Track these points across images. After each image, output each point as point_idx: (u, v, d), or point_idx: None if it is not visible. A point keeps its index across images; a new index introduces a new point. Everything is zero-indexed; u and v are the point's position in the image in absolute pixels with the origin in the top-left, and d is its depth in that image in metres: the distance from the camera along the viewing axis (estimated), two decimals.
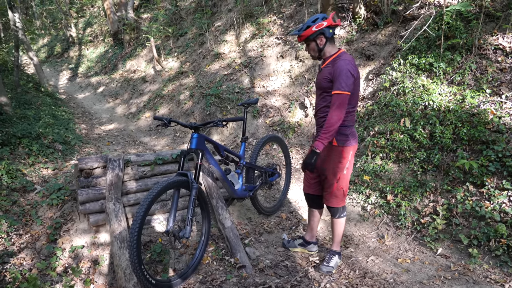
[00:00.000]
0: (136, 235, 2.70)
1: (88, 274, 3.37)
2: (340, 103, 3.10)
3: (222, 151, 3.78)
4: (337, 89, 3.11)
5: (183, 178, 3.13)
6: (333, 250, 3.70)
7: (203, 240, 3.51)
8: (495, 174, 3.98)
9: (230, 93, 7.94)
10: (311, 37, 3.21)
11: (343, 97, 3.10)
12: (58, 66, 18.71)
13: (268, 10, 9.74)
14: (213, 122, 3.38)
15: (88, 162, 3.71)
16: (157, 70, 11.64)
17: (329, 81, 3.23)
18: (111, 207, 3.54)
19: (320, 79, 3.35)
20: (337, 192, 3.48)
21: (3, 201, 4.19)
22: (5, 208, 4.11)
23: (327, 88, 3.27)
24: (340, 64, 3.14)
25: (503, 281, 3.25)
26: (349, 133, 3.34)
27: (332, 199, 3.53)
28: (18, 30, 9.88)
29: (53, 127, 7.23)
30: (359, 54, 6.90)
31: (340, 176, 3.42)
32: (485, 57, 5.02)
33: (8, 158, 5.11)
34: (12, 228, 3.83)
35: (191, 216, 3.09)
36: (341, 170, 3.40)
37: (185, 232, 3.04)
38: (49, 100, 10.44)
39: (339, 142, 3.33)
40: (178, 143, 7.92)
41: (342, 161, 3.37)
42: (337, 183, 3.44)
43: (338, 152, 3.36)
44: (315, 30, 3.17)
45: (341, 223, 3.64)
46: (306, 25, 3.21)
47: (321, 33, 3.20)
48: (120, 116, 10.76)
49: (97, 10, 20.34)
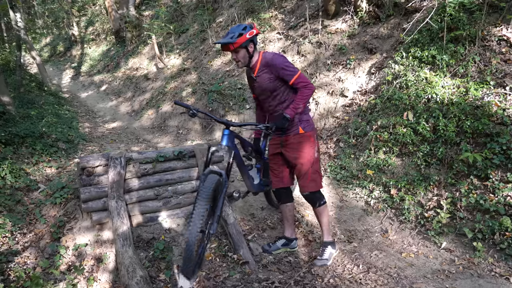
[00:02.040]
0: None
1: (92, 272, 3.37)
2: (305, 82, 3.30)
3: (247, 147, 3.75)
4: (291, 75, 3.29)
5: (220, 179, 3.04)
6: (325, 241, 3.72)
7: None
8: (500, 167, 3.94)
9: (232, 89, 7.92)
10: (244, 44, 3.24)
11: (301, 76, 3.30)
12: (61, 65, 18.74)
13: (269, 5, 9.69)
14: (254, 124, 3.44)
15: (90, 160, 3.71)
16: (159, 68, 11.62)
17: (274, 80, 3.36)
18: (114, 205, 3.54)
19: (262, 84, 3.43)
20: (314, 175, 3.58)
21: (7, 200, 4.20)
22: (9, 208, 4.12)
23: (276, 87, 3.40)
24: (271, 58, 3.34)
25: (507, 274, 3.22)
26: (309, 118, 3.56)
27: (311, 184, 3.59)
28: (20, 30, 9.89)
29: (56, 126, 7.23)
30: (361, 48, 6.85)
31: (314, 159, 3.55)
32: (488, 49, 4.97)
33: (11, 157, 5.11)
34: (16, 227, 3.84)
35: (219, 213, 3.05)
36: (313, 154, 3.54)
37: (212, 228, 3.00)
38: (52, 99, 10.45)
39: (305, 128, 3.49)
40: (181, 140, 7.92)
41: (312, 145, 3.53)
42: (311, 167, 3.55)
43: (307, 137, 3.51)
44: (249, 37, 3.23)
45: (324, 210, 3.70)
46: (238, 33, 3.21)
47: (251, 40, 3.29)
48: (123, 114, 10.77)
49: (99, 9, 20.32)
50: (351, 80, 6.61)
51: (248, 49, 3.31)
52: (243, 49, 3.30)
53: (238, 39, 3.20)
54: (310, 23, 8.01)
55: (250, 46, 3.32)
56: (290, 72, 3.29)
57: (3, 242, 3.66)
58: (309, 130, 3.52)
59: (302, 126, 3.49)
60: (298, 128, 3.49)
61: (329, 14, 7.78)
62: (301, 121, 3.49)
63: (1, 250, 3.54)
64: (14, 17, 9.63)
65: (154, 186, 3.94)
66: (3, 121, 6.23)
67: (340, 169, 5.38)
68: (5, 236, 3.71)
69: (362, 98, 6.16)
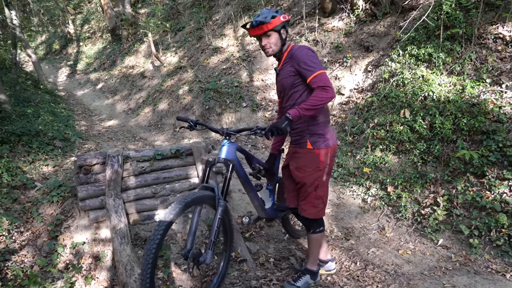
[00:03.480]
0: (152, 259, 2.33)
1: (90, 270, 3.36)
2: (324, 82, 2.68)
3: (254, 163, 3.33)
4: (311, 72, 2.74)
5: (209, 193, 2.73)
6: (307, 268, 3.25)
7: (222, 266, 3.10)
8: (496, 164, 3.96)
9: (228, 87, 7.92)
10: (278, 27, 2.82)
11: (323, 76, 2.71)
12: (56, 63, 18.67)
13: (265, 3, 9.67)
14: (250, 129, 2.91)
15: (87, 158, 3.70)
16: (155, 66, 11.60)
17: (294, 74, 2.87)
18: (111, 203, 3.53)
19: (283, 80, 2.97)
20: (316, 201, 3.02)
21: (4, 199, 4.20)
22: (6, 206, 4.12)
23: (294, 84, 2.90)
24: (298, 51, 2.84)
25: (504, 270, 3.24)
26: (324, 132, 2.94)
27: (310, 210, 3.04)
28: (15, 28, 9.84)
29: (52, 124, 7.22)
30: (358, 46, 6.87)
31: (319, 183, 2.98)
32: (485, 47, 4.99)
33: (8, 156, 5.10)
34: (13, 226, 3.83)
35: (214, 239, 2.64)
36: (319, 177, 2.96)
37: (206, 258, 2.60)
38: (48, 97, 10.43)
39: (314, 144, 2.91)
40: (177, 138, 7.90)
41: (320, 165, 2.93)
42: (315, 192, 2.99)
43: (314, 155, 2.92)
44: (283, 20, 2.82)
45: (317, 239, 3.17)
46: (271, 15, 2.80)
47: (284, 26, 2.87)
48: (119, 112, 10.75)
49: (94, 6, 20.25)
50: (347, 78, 6.63)
51: (281, 34, 2.88)
52: (276, 33, 2.86)
53: (272, 19, 2.78)
54: (307, 21, 8.02)
55: (283, 31, 2.88)
56: (310, 67, 2.75)
57: (0, 241, 3.64)
58: (320, 147, 2.91)
59: (310, 141, 2.92)
60: (306, 142, 2.94)
61: (326, 12, 7.79)
62: (312, 135, 2.92)
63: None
64: (9, 15, 9.58)
65: (152, 184, 3.93)
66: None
67: (337, 167, 5.39)
68: (2, 235, 3.70)
69: (359, 96, 6.17)
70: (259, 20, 2.77)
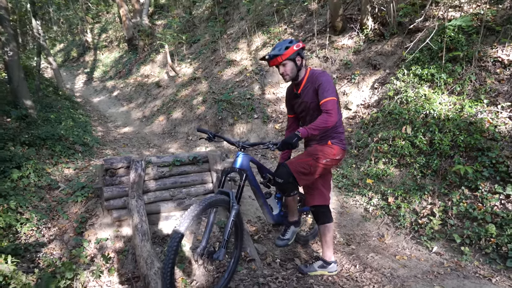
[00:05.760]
0: (171, 262, 2.65)
1: (113, 263, 3.71)
2: (331, 108, 3.13)
3: (265, 173, 3.63)
4: (325, 97, 3.16)
5: (225, 197, 3.05)
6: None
7: (233, 263, 3.42)
8: (489, 178, 4.26)
9: (241, 99, 8.29)
10: (291, 56, 3.24)
11: (332, 102, 3.14)
12: (74, 70, 19.27)
13: (279, 20, 10.09)
14: (263, 143, 3.22)
15: (113, 162, 4.07)
16: (170, 76, 12.02)
17: (315, 95, 3.29)
18: (134, 203, 3.87)
19: (309, 102, 3.37)
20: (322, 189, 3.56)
21: (32, 197, 4.57)
22: (34, 204, 4.48)
23: (317, 104, 3.28)
24: (319, 76, 3.27)
25: (490, 275, 3.53)
26: (342, 138, 3.44)
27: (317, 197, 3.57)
28: (39, 37, 10.36)
29: (73, 129, 7.62)
30: (366, 64, 7.21)
31: (322, 171, 3.42)
32: (484, 69, 5.31)
33: (34, 158, 5.48)
34: (41, 222, 4.19)
35: (227, 238, 2.97)
36: (325, 162, 3.37)
37: (219, 254, 2.91)
38: (67, 103, 10.89)
39: (333, 143, 3.40)
40: (190, 146, 8.27)
41: (330, 156, 3.38)
42: (320, 178, 3.49)
43: (330, 147, 3.39)
44: (296, 49, 3.24)
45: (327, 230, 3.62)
46: (285, 46, 3.25)
47: (298, 53, 3.29)
48: (134, 120, 11.16)
49: (112, 16, 20.91)
50: (355, 94, 6.97)
51: (295, 62, 3.30)
52: (291, 62, 3.29)
53: (285, 51, 3.22)
54: (318, 38, 8.40)
55: (298, 59, 3.30)
56: (325, 92, 3.17)
57: (31, 235, 4.01)
58: (336, 144, 3.40)
59: (332, 141, 3.40)
60: (327, 141, 3.41)
61: (336, 30, 8.16)
62: (333, 138, 3.41)
63: (30, 241, 3.90)
64: (36, 25, 10.09)
65: (170, 187, 4.29)
66: (26, 124, 6.65)
67: (342, 178, 5.70)
68: (32, 230, 4.06)
69: (365, 111, 6.50)
70: (273, 54, 3.24)
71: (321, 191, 3.56)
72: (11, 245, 3.53)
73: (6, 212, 3.90)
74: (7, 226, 3.88)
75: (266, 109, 7.94)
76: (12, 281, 2.75)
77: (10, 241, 3.73)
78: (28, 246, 3.78)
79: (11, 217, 3.91)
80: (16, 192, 4.48)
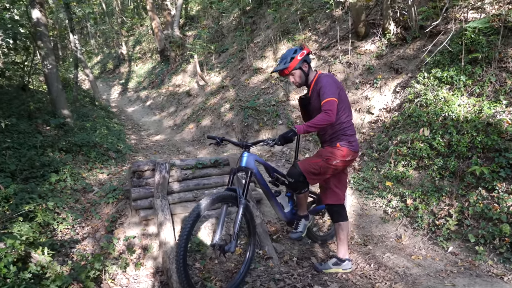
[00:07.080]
0: (183, 248, 2.93)
1: (139, 258, 3.99)
2: (329, 108, 3.32)
3: (272, 173, 3.84)
4: (325, 97, 3.36)
5: (232, 193, 3.28)
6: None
7: (248, 257, 3.61)
8: (506, 179, 4.26)
9: (266, 106, 8.50)
10: (297, 66, 3.51)
11: (331, 102, 3.34)
12: (110, 82, 20.13)
13: (303, 27, 10.28)
14: (263, 141, 3.44)
15: (140, 165, 4.37)
16: (200, 85, 12.41)
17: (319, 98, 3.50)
18: (159, 203, 4.15)
19: (315, 104, 3.60)
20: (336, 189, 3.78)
21: (68, 199, 4.95)
22: (70, 205, 4.85)
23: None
24: (321, 79, 3.51)
25: (502, 274, 3.56)
26: (352, 140, 3.60)
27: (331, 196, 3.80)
28: (77, 50, 10.99)
29: (107, 137, 8.08)
30: (388, 68, 7.27)
31: (332, 171, 3.62)
32: (505, 70, 5.29)
33: (70, 163, 5.89)
34: (76, 222, 4.54)
35: (237, 231, 3.19)
36: (334, 164, 3.55)
37: (230, 247, 3.15)
38: (103, 113, 11.47)
39: (342, 145, 3.56)
40: (218, 152, 8.53)
41: (339, 157, 3.55)
42: (331, 179, 3.74)
43: (339, 149, 3.56)
44: (300, 58, 3.49)
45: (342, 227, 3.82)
46: (290, 57, 3.51)
47: (304, 60, 3.55)
48: (165, 128, 11.59)
49: (146, 29, 21.72)
50: (377, 98, 7.04)
51: (302, 69, 3.56)
52: (298, 70, 3.55)
53: (290, 63, 3.49)
54: (341, 44, 8.52)
55: (304, 66, 3.56)
56: (325, 93, 3.37)
57: (66, 233, 4.36)
58: (345, 146, 3.55)
59: (340, 143, 3.56)
60: (336, 143, 3.58)
61: (359, 36, 8.26)
62: (341, 140, 3.57)
63: (65, 238, 4.24)
64: (73, 39, 10.73)
65: (193, 189, 4.55)
66: (64, 132, 7.12)
67: (362, 181, 5.80)
68: (67, 228, 4.41)
69: (387, 115, 6.57)
70: (279, 69, 3.56)
71: (333, 191, 3.77)
72: (48, 241, 3.87)
73: (44, 211, 4.25)
74: (46, 224, 4.24)
75: (290, 115, 8.12)
76: (48, 271, 3.06)
77: (48, 237, 4.08)
78: (64, 242, 4.12)
79: (49, 216, 4.27)
80: (54, 194, 4.85)
